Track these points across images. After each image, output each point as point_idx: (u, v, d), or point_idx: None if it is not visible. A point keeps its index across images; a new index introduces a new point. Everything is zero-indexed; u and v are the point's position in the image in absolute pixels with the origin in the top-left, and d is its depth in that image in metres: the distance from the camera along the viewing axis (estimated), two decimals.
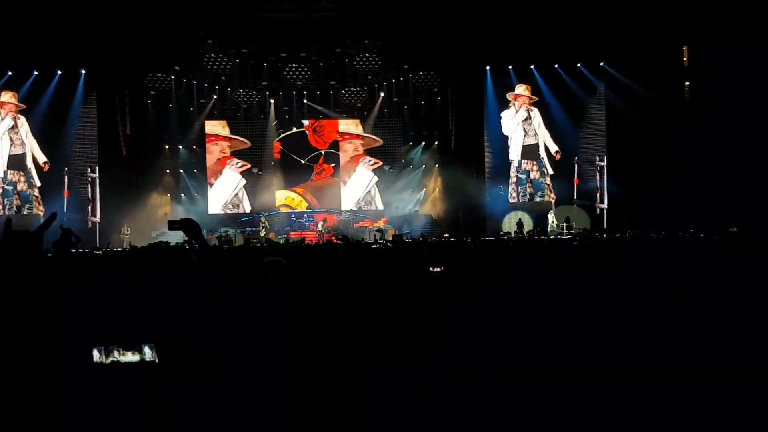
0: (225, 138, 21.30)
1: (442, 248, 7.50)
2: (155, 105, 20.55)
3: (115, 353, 2.91)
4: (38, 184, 19.27)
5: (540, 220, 19.56)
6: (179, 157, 21.04)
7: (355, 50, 20.54)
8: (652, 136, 18.36)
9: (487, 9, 17.54)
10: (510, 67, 20.18)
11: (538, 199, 20.42)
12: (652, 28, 17.53)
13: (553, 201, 20.26)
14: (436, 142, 21.31)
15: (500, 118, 20.52)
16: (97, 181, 19.22)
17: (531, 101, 20.43)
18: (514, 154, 20.59)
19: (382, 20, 18.91)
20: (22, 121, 19.32)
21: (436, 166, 21.24)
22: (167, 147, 20.79)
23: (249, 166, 21.37)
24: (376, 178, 21.66)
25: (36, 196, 19.27)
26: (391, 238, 16.75)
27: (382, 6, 18.33)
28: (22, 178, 19.27)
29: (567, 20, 17.61)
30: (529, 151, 20.60)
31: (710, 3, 16.58)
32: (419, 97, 21.40)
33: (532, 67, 20.09)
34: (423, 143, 21.56)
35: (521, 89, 20.38)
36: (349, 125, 21.73)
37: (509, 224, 19.38)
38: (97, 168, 19.23)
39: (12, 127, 19.25)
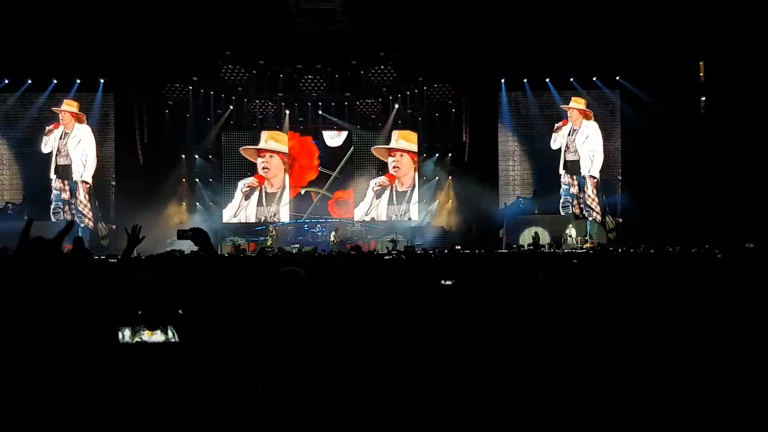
0: (284, 154, 21.52)
1: (454, 261, 7.50)
2: (173, 115, 20.82)
3: (142, 333, 2.98)
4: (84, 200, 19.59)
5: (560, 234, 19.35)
6: (195, 166, 21.25)
7: (370, 62, 20.69)
8: (667, 150, 18.22)
9: (503, 21, 17.58)
10: (525, 80, 20.18)
11: (586, 213, 20.19)
12: (668, 43, 17.48)
13: (598, 216, 20.05)
14: (450, 154, 21.33)
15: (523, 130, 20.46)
16: (113, 189, 19.56)
17: (585, 115, 20.26)
18: (561, 166, 20.45)
19: (397, 33, 19.05)
20: (77, 132, 19.61)
21: (450, 177, 21.24)
22: (184, 156, 21.03)
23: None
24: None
25: (86, 208, 19.55)
26: (403, 249, 16.73)
27: (397, 19, 18.46)
28: (67, 188, 19.63)
29: (583, 33, 17.60)
30: (571, 167, 20.40)
31: (727, 18, 16.49)
32: (433, 109, 21.46)
33: (547, 80, 20.08)
34: (437, 155, 21.60)
35: (575, 103, 20.25)
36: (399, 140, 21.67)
37: (525, 238, 19.26)
38: (114, 176, 19.58)
39: (63, 136, 19.57)
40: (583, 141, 20.33)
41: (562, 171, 20.48)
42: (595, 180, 20.23)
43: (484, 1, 17.45)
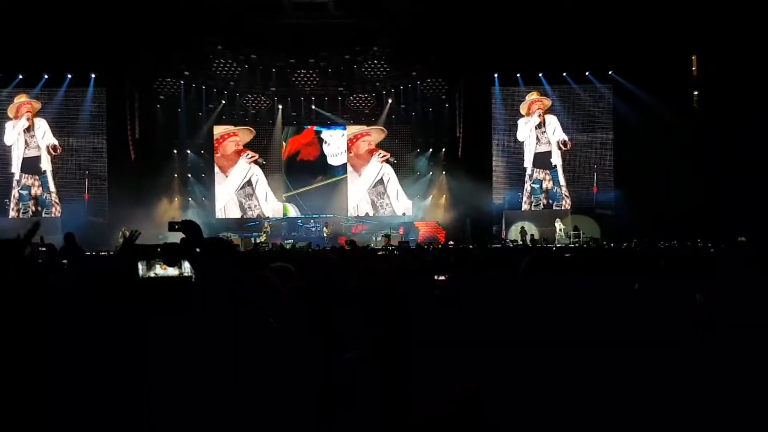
0: (235, 133, 21.36)
1: (448, 256, 7.49)
2: (164, 109, 20.69)
3: (157, 267, 3.01)
4: (53, 189, 19.35)
5: (549, 229, 19.43)
6: (188, 161, 21.14)
7: (364, 57, 20.63)
8: (660, 145, 18.29)
9: (496, 17, 17.55)
10: (518, 74, 20.18)
11: (555, 207, 20.33)
12: (660, 38, 17.50)
13: (568, 209, 20.13)
14: (444, 149, 21.31)
15: (509, 126, 20.51)
16: (106, 184, 19.42)
17: (545, 106, 20.39)
18: (528, 161, 20.55)
19: (391, 27, 18.99)
20: (40, 123, 19.41)
21: (443, 173, 21.23)
22: (176, 151, 20.92)
23: (257, 156, 21.47)
24: (388, 168, 21.67)
25: (56, 202, 19.37)
26: (397, 244, 16.75)
27: (390, 13, 18.40)
28: (37, 182, 19.39)
29: (576, 28, 17.60)
30: (542, 159, 20.49)
31: (719, 12, 16.53)
32: (427, 104, 21.43)
33: (540, 75, 20.09)
34: (430, 150, 21.59)
35: (533, 95, 20.36)
36: (353, 128, 21.74)
37: (515, 232, 19.32)
38: (106, 171, 19.42)
39: (27, 129, 19.36)
40: (552, 132, 20.39)
41: (529, 165, 20.51)
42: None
43: None
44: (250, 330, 2.89)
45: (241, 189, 21.47)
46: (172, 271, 3.07)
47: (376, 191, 21.81)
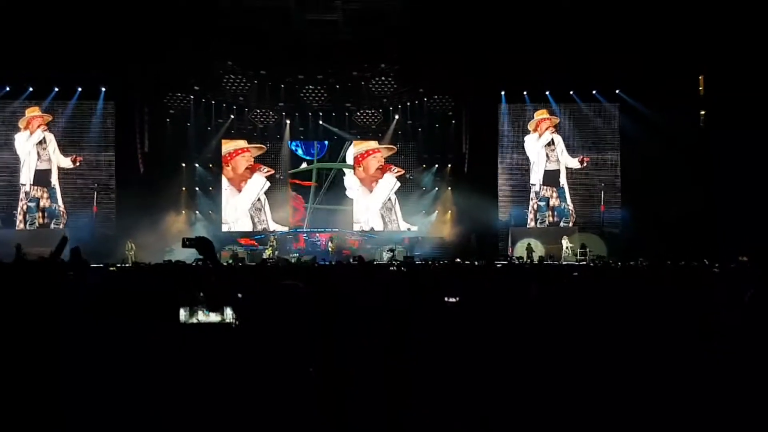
0: (246, 149, 21.48)
1: (455, 274, 7.48)
2: (174, 124, 20.87)
3: (200, 314, 3.06)
4: (61, 204, 19.56)
5: (556, 246, 19.37)
6: (196, 175, 21.28)
7: (371, 73, 20.80)
8: (667, 163, 18.30)
9: (504, 34, 17.68)
10: (525, 92, 20.28)
11: (563, 225, 20.33)
12: (667, 57, 17.59)
13: (576, 227, 20.12)
14: (450, 165, 21.37)
15: (515, 143, 20.60)
16: (114, 197, 19.60)
17: (554, 124, 20.46)
18: (536, 179, 20.59)
19: (399, 45, 19.17)
20: (51, 137, 19.67)
21: (449, 189, 21.27)
22: (184, 165, 21.06)
23: (272, 171, 21.55)
24: (398, 184, 21.72)
25: (63, 212, 19.52)
26: (402, 259, 16.74)
27: (398, 31, 18.59)
28: (45, 194, 19.55)
29: (583, 47, 17.71)
30: (551, 177, 20.56)
31: (726, 32, 16.60)
32: (433, 121, 21.54)
33: (547, 93, 20.19)
34: (436, 166, 21.65)
35: (542, 113, 20.43)
36: (361, 145, 21.85)
37: (521, 249, 19.29)
38: (114, 185, 19.59)
39: (40, 142, 19.58)
40: (561, 152, 20.48)
41: (537, 183, 20.54)
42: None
43: (485, 14, 17.55)
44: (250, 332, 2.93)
45: (253, 204, 21.55)
46: (214, 317, 3.12)
47: (386, 207, 21.83)
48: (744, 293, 3.17)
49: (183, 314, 3.09)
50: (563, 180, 20.54)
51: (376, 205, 21.77)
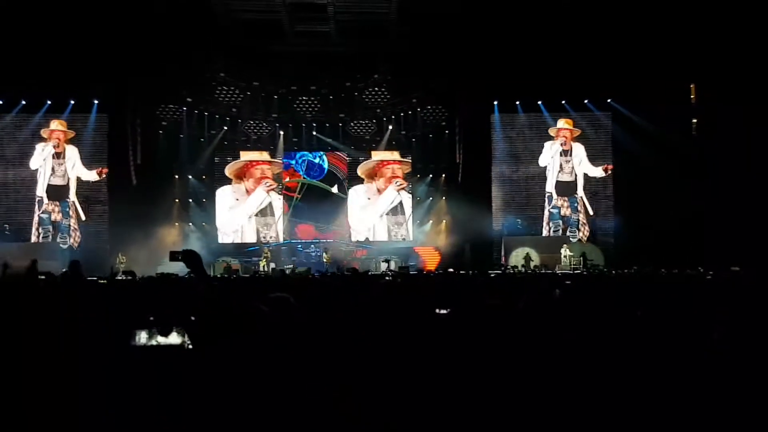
0: (267, 162, 21.48)
1: (449, 284, 7.46)
2: (166, 135, 20.83)
3: (158, 337, 3.01)
4: (74, 221, 19.49)
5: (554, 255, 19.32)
6: (189, 187, 21.22)
7: (365, 84, 20.86)
8: (659, 172, 18.36)
9: (496, 44, 17.76)
10: (518, 102, 20.36)
11: (569, 233, 20.26)
12: (659, 65, 17.68)
13: (584, 237, 20.13)
14: (444, 176, 21.38)
15: (509, 152, 20.62)
16: (107, 210, 19.53)
17: (573, 135, 20.49)
18: (550, 186, 20.57)
19: (392, 55, 19.24)
20: (71, 153, 19.60)
21: (443, 198, 21.28)
22: (177, 177, 20.99)
23: (276, 185, 21.53)
24: (399, 198, 21.66)
25: (75, 228, 19.44)
26: (397, 270, 16.71)
27: (391, 41, 18.66)
28: (57, 209, 19.46)
29: (575, 56, 17.79)
30: (564, 188, 20.55)
31: (717, 40, 16.71)
32: (427, 131, 21.58)
33: (539, 102, 20.27)
34: (430, 176, 21.66)
35: (561, 123, 20.46)
36: (382, 155, 21.77)
37: (516, 258, 19.27)
38: (107, 196, 19.53)
39: (56, 156, 19.49)
40: (578, 163, 20.48)
41: (552, 192, 20.56)
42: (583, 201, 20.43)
43: (477, 24, 17.63)
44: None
45: (254, 215, 21.48)
46: (173, 340, 3.07)
47: (392, 219, 21.79)
48: (712, 331, 3.14)
49: (140, 338, 3.04)
50: (580, 192, 20.47)
51: (375, 216, 21.71)
